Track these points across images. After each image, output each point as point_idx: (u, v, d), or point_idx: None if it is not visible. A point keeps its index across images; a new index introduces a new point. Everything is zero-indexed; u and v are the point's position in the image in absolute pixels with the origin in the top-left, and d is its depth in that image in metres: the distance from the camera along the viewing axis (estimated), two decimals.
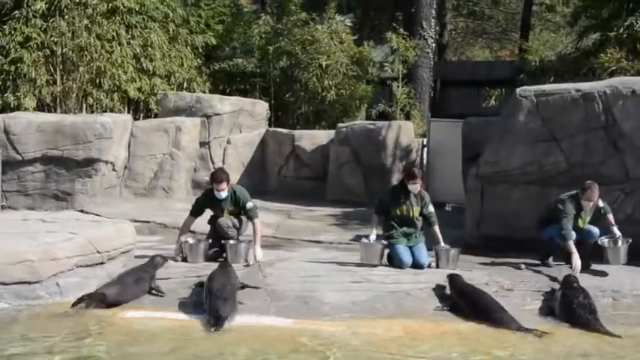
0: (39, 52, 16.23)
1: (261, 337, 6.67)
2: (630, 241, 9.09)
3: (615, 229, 9.20)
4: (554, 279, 8.57)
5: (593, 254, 9.11)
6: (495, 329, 7.00)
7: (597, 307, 7.47)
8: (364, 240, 9.28)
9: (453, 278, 8.17)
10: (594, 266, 9.03)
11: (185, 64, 18.45)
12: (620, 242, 9.14)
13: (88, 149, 13.31)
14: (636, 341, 6.85)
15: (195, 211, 9.59)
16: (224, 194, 9.32)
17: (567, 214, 9.01)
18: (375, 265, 8.95)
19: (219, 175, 9.36)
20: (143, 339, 6.55)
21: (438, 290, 8.19)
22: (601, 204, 9.25)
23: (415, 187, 9.21)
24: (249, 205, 9.42)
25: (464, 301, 7.68)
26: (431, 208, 9.39)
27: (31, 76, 16.10)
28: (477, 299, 7.66)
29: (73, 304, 7.22)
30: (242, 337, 6.67)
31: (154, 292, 7.74)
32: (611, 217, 9.27)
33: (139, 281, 7.78)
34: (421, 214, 9.34)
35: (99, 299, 7.32)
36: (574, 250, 8.85)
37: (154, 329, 6.84)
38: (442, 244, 9.23)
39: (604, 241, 9.16)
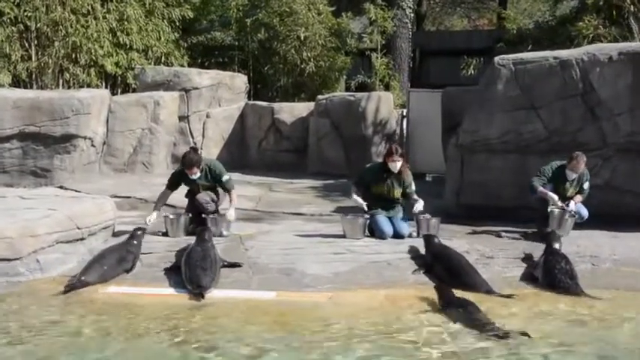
0: (13, 28, 16.02)
1: (243, 310, 6.67)
2: (576, 216, 9.20)
3: (572, 204, 9.28)
4: (534, 246, 8.67)
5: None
6: (475, 294, 7.05)
7: (577, 273, 7.55)
8: (347, 216, 9.35)
9: (428, 240, 8.28)
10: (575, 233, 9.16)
11: (162, 37, 18.30)
12: (567, 215, 9.20)
13: (65, 125, 13.21)
14: (614, 304, 6.93)
15: (171, 185, 9.60)
16: (195, 176, 9.33)
17: (539, 174, 9.28)
18: (359, 239, 8.99)
19: (189, 161, 9.29)
20: (125, 314, 6.53)
21: (414, 253, 8.32)
22: (585, 173, 9.33)
23: (394, 165, 9.16)
24: (225, 177, 9.45)
25: (438, 264, 7.77)
26: (413, 188, 9.35)
27: (6, 52, 15.91)
28: (450, 262, 7.74)
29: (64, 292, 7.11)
30: (224, 310, 6.67)
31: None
32: (580, 197, 9.41)
33: (121, 261, 7.72)
34: (403, 194, 9.35)
35: (82, 286, 7.24)
36: (545, 191, 9.10)
37: (135, 304, 6.82)
38: (420, 202, 9.16)
39: (553, 210, 9.21)
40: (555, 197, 9.11)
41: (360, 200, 9.20)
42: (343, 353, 5.63)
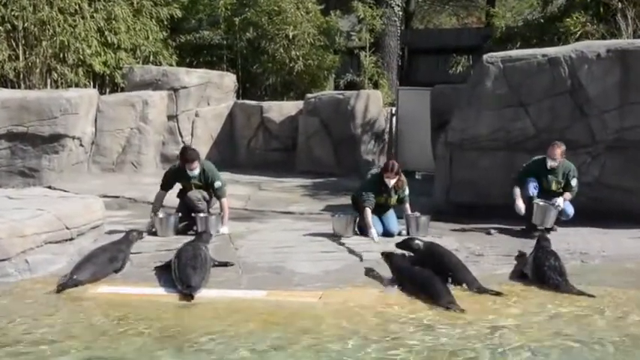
0: (0, 27, 15.90)
1: (233, 309, 6.66)
2: (560, 209, 9.24)
3: (560, 200, 9.29)
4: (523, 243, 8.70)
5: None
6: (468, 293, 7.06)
7: (567, 269, 7.57)
8: (336, 214, 9.40)
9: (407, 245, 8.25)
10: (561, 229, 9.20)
11: (150, 37, 18.19)
12: (551, 207, 9.26)
13: (53, 125, 13.13)
14: (602, 301, 6.94)
15: (165, 185, 9.60)
16: (196, 172, 9.36)
17: (523, 170, 9.43)
18: (349, 237, 9.00)
19: (190, 156, 9.39)
20: (114, 314, 6.51)
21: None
22: (570, 169, 9.38)
23: (389, 181, 9.26)
24: (218, 184, 9.46)
25: (429, 261, 7.75)
26: (407, 192, 9.49)
27: None
28: (441, 258, 7.73)
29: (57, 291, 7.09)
30: (214, 310, 6.65)
31: None
32: (569, 194, 9.42)
33: (112, 260, 7.71)
34: (398, 200, 9.47)
35: (74, 285, 7.21)
36: (518, 196, 9.21)
37: (125, 304, 6.79)
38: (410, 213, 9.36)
39: (538, 202, 9.27)
40: (521, 208, 9.17)
41: (375, 234, 9.02)
42: (334, 352, 5.63)
